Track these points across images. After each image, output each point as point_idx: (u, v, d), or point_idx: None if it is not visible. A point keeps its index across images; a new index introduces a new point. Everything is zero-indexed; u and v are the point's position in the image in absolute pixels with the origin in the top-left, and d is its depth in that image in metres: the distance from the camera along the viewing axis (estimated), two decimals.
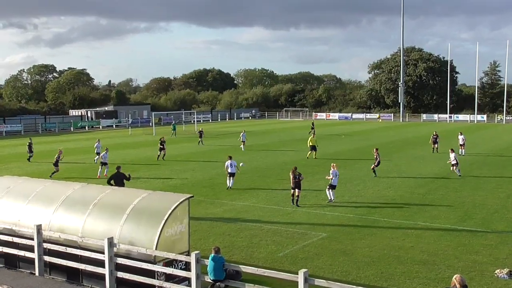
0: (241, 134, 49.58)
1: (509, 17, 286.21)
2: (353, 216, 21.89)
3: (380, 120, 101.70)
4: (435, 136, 45.17)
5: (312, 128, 61.94)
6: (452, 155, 32.19)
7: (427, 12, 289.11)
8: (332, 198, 24.62)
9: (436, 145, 44.58)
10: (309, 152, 41.64)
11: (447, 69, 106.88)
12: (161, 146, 41.47)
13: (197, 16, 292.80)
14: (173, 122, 75.80)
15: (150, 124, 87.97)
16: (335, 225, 20.51)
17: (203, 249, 16.80)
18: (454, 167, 31.98)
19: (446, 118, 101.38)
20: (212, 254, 12.56)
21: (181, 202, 13.81)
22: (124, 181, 23.09)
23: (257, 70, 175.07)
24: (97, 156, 36.92)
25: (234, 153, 44.82)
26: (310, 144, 41.85)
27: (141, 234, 13.42)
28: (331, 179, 24.59)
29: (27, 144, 43.28)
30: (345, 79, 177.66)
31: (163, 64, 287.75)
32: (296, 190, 23.88)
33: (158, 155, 41.50)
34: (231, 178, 28.57)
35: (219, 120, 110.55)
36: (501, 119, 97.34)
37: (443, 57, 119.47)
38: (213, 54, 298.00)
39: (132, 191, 16.47)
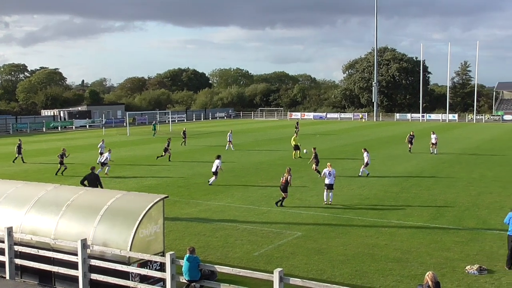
0: (228, 134, 49.55)
1: (480, 19, 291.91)
2: (328, 215, 22.01)
3: (364, 120, 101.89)
4: (411, 136, 45.21)
5: (297, 128, 62.40)
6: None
7: (402, 13, 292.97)
8: (330, 201, 23.92)
9: (411, 145, 44.61)
10: (293, 152, 41.64)
11: (420, 69, 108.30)
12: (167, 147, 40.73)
13: (174, 16, 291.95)
14: (154, 122, 75.28)
15: (124, 124, 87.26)
16: (310, 224, 20.60)
17: (178, 249, 16.74)
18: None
19: (419, 117, 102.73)
20: (187, 255, 12.51)
21: (156, 203, 13.72)
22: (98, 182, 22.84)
23: (232, 69, 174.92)
24: (100, 156, 36.48)
25: (211, 153, 44.71)
26: (294, 143, 41.69)
27: (116, 235, 13.30)
28: (324, 177, 24.29)
29: (17, 144, 41.93)
30: (319, 79, 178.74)
31: (137, 63, 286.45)
32: (284, 193, 23.70)
33: (162, 156, 40.61)
34: (215, 176, 29.51)
35: (194, 120, 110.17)
36: (471, 118, 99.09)
37: (416, 58, 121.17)
38: (188, 54, 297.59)
39: (106, 192, 16.31)
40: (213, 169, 29.57)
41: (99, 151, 39.52)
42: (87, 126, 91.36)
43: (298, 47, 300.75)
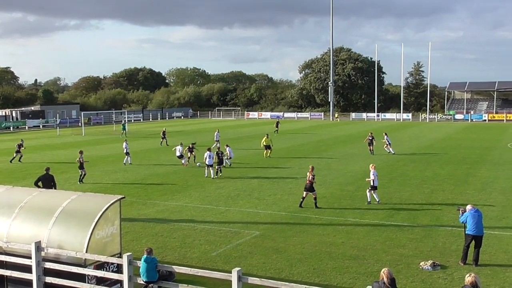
0: (215, 133, 49.91)
1: (433, 21, 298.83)
2: (285, 214, 22.14)
3: (339, 120, 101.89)
4: (370, 138, 43.67)
5: (277, 127, 62.66)
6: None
7: (358, 14, 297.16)
8: (377, 200, 23.88)
9: (371, 146, 43.17)
10: (264, 152, 41.52)
11: (375, 69, 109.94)
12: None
13: (130, 14, 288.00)
14: (123, 122, 74.13)
15: (79, 124, 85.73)
16: (268, 223, 20.68)
17: (136, 250, 16.55)
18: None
19: (374, 116, 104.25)
20: (145, 256, 12.38)
21: (112, 203, 13.54)
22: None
23: (189, 69, 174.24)
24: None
25: (168, 153, 44.37)
26: (264, 144, 41.50)
27: (71, 237, 13.06)
28: (372, 180, 23.76)
29: (18, 144, 41.15)
30: (276, 79, 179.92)
31: (93, 63, 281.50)
32: (310, 192, 23.38)
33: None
34: (210, 168, 31.37)
35: (150, 119, 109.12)
36: (425, 117, 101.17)
37: (371, 58, 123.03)
38: (145, 53, 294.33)
39: (60, 193, 15.99)
40: (209, 162, 31.53)
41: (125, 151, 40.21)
42: (41, 126, 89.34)
43: (255, 47, 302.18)
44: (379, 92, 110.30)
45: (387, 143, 43.65)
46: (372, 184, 23.83)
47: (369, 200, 23.95)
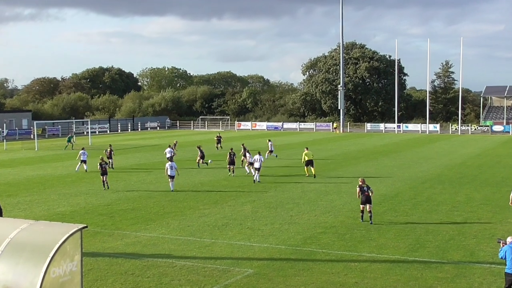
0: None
1: (466, 11, 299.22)
2: (285, 248, 22.09)
3: (338, 132, 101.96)
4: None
5: (219, 143, 63.77)
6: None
7: (375, 3, 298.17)
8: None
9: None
10: (305, 169, 41.74)
11: (395, 70, 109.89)
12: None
13: (98, 2, 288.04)
14: (70, 135, 74.20)
15: (32, 136, 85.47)
16: (264, 259, 20.63)
17: None
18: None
19: (394, 128, 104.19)
20: None
21: (71, 234, 13.47)
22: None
23: (166, 69, 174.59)
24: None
25: (140, 172, 44.34)
26: (306, 158, 41.55)
27: (20, 276, 12.99)
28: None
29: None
30: (274, 81, 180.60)
31: (49, 61, 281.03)
32: (367, 205, 26.05)
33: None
34: (172, 180, 35.31)
35: (119, 131, 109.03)
36: (455, 129, 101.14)
37: (390, 56, 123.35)
38: (113, 49, 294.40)
39: (8, 221, 15.91)
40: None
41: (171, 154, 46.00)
42: None
43: (249, 42, 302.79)
44: (399, 98, 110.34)
45: (270, 149, 51.10)
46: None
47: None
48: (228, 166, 42.36)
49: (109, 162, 46.27)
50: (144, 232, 24.89)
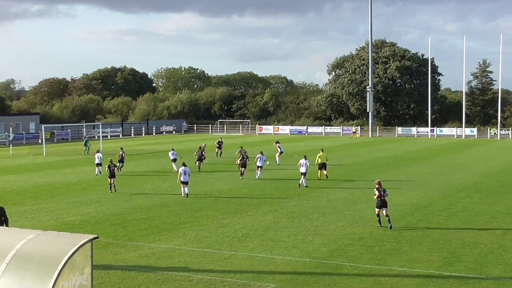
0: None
1: (506, 6, 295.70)
2: (309, 261, 22.02)
3: (358, 136, 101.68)
4: None
5: (219, 148, 64.13)
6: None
7: None
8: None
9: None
10: (319, 172, 44.08)
11: (428, 70, 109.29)
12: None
13: None
14: (86, 138, 74.82)
15: (39, 141, 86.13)
16: (287, 273, 20.57)
17: None
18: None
19: (427, 132, 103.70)
20: None
21: (81, 246, 13.52)
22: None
23: (183, 69, 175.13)
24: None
25: (154, 179, 44.50)
26: (320, 161, 44.07)
27: None
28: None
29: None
30: (298, 82, 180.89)
31: (57, 61, 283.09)
32: (384, 209, 27.13)
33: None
34: (185, 186, 36.09)
35: (132, 135, 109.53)
36: (494, 133, 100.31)
37: (423, 55, 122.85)
38: (126, 48, 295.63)
39: (13, 231, 16.01)
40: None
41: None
42: None
43: (271, 40, 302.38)
44: (433, 100, 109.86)
45: (279, 151, 53.71)
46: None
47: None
48: (239, 169, 44.65)
49: (119, 165, 48.02)
50: (158, 243, 24.93)
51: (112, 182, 38.44)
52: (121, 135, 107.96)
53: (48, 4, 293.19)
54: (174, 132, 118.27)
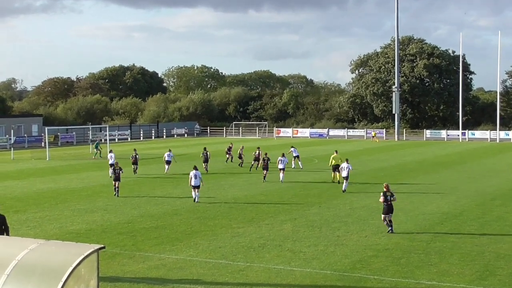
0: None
1: None
2: (330, 273, 21.98)
3: (378, 140, 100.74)
4: None
5: (229, 153, 64.34)
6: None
7: None
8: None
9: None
10: (332, 174, 46.07)
11: (459, 68, 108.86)
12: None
13: None
14: (97, 141, 75.23)
15: (43, 144, 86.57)
16: (306, 286, 20.56)
17: None
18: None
19: (458, 135, 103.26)
20: None
21: (86, 256, 13.57)
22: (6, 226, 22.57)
23: (195, 67, 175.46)
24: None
25: (165, 185, 44.61)
26: (333, 163, 45.67)
27: None
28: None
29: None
30: (319, 82, 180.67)
31: (62, 59, 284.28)
32: (390, 215, 28.29)
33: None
34: (196, 191, 36.93)
35: (141, 138, 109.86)
36: None
37: (453, 52, 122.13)
38: (135, 46, 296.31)
39: (15, 241, 16.10)
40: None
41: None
42: None
43: (290, 37, 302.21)
44: (464, 101, 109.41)
45: (294, 155, 54.98)
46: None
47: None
48: (262, 171, 46.99)
49: (133, 167, 51.18)
50: (169, 254, 24.97)
51: (116, 185, 39.56)
52: (129, 138, 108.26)
53: None
54: (186, 135, 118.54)
